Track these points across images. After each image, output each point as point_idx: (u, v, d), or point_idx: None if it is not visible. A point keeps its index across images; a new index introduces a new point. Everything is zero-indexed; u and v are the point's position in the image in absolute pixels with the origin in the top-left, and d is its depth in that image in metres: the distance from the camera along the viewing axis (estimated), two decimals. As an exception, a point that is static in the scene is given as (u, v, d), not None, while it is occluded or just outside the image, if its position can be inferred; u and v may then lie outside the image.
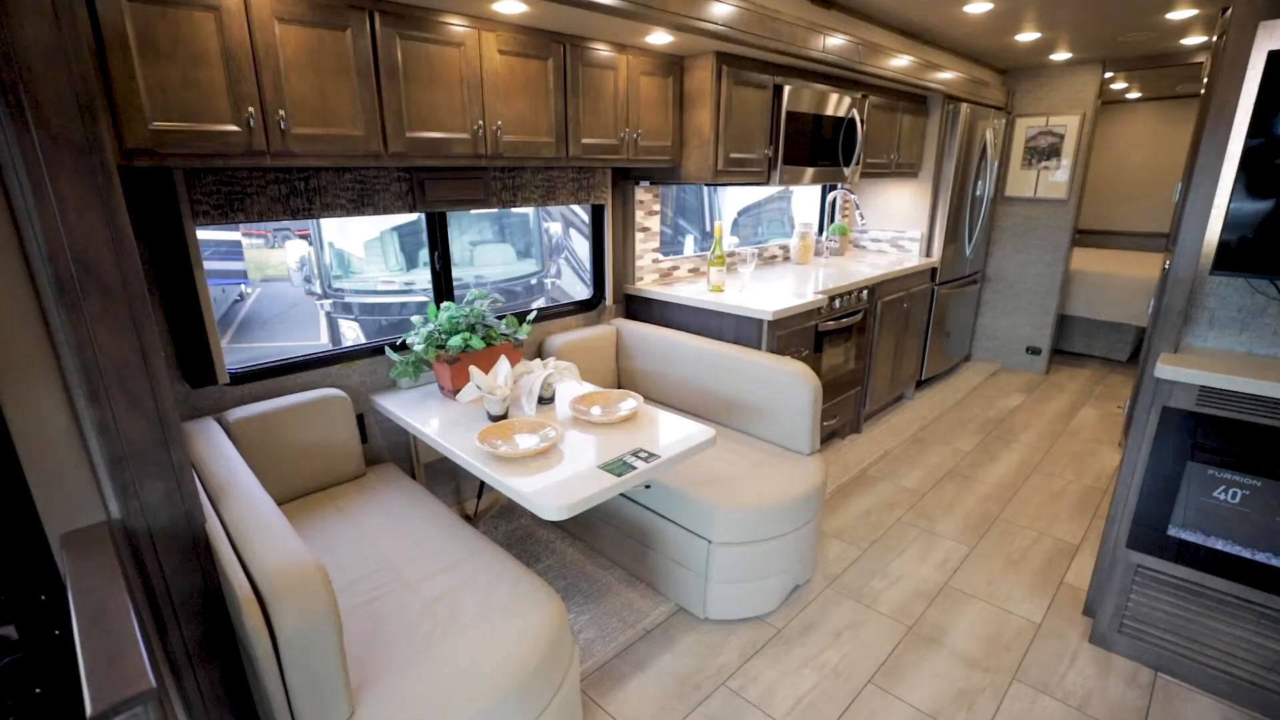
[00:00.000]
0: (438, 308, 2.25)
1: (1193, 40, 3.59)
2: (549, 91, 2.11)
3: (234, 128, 1.55)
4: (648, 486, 2.14)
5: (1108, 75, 4.23)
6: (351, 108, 1.71)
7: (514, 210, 6.15)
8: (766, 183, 2.87)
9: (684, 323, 2.84)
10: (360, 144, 1.74)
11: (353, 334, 5.23)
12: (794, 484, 2.14)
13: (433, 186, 2.19)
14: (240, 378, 2.02)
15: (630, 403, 2.12)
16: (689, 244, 5.11)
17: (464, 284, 5.94)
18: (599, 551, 2.48)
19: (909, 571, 2.41)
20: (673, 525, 2.15)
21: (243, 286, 6.42)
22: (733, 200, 5.50)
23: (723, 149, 2.57)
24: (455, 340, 2.10)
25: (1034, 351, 4.72)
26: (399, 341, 2.30)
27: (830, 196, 4.20)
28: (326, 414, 2.09)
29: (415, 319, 2.24)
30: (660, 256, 3.10)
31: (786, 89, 2.79)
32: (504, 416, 2.05)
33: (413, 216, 5.53)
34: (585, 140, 2.25)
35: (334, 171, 1.98)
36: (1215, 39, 2.87)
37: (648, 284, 3.02)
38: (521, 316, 2.42)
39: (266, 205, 1.89)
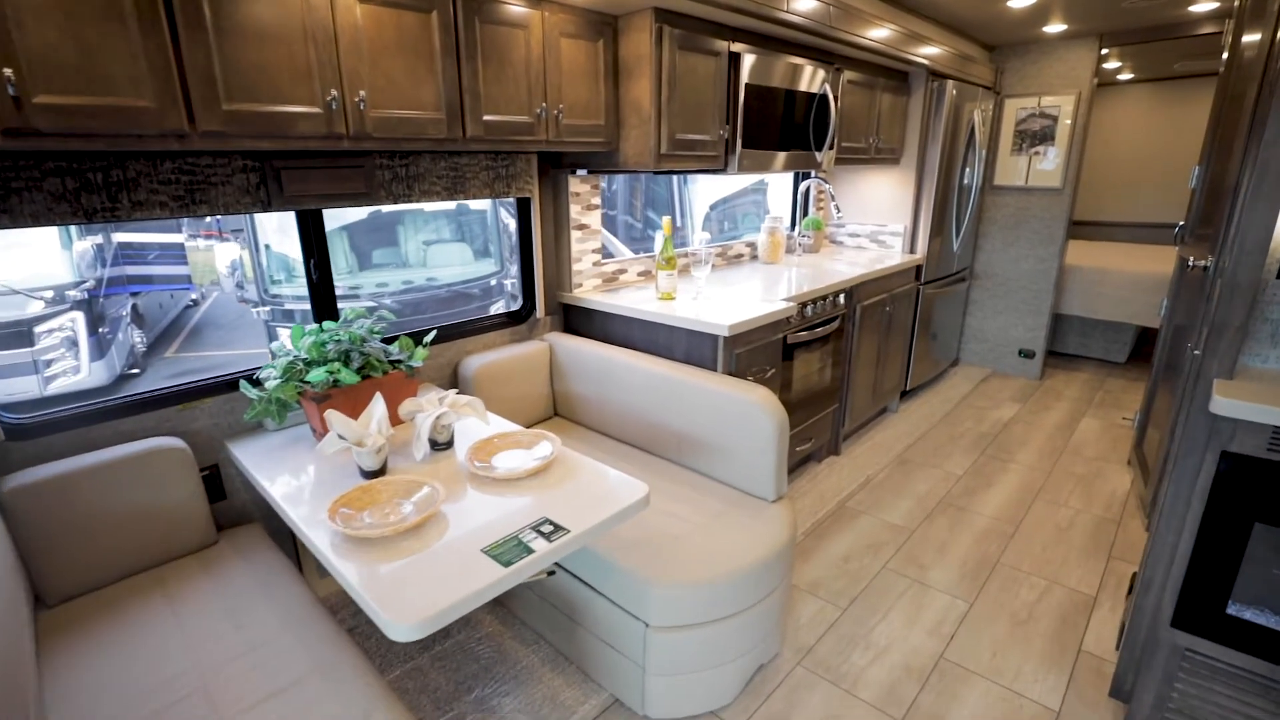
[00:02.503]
0: (304, 329, 1.79)
1: (1202, 7, 3.20)
2: (434, 54, 1.65)
3: (-65, 92, 1.08)
4: (551, 573, 1.70)
5: (1103, 52, 3.85)
6: (132, 69, 1.24)
7: (472, 206, 5.70)
8: (724, 169, 2.44)
9: (628, 337, 2.40)
10: (152, 119, 1.27)
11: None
12: (754, 544, 1.72)
13: (293, 178, 1.73)
14: (24, 431, 1.55)
15: (545, 447, 1.68)
16: (659, 241, 4.68)
17: (418, 288, 5.47)
18: (523, 621, 2.04)
19: (897, 639, 2.00)
20: (602, 599, 1.72)
21: (193, 294, 5.94)
22: (705, 192, 5.07)
23: (667, 128, 2.13)
24: (317, 374, 1.64)
25: (1027, 355, 4.34)
26: (255, 374, 1.83)
27: (803, 186, 3.79)
28: (156, 470, 1.63)
29: (275, 345, 1.78)
30: (602, 258, 2.65)
31: (745, 58, 2.35)
32: (381, 471, 1.60)
33: (361, 213, 5.06)
34: (489, 117, 1.79)
35: (146, 160, 1.51)
36: (1238, 1, 2.48)
37: (588, 291, 2.58)
38: (418, 337, 1.97)
39: (44, 205, 1.42)
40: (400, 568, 1.22)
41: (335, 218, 4.77)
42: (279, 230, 4.75)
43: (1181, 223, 3.17)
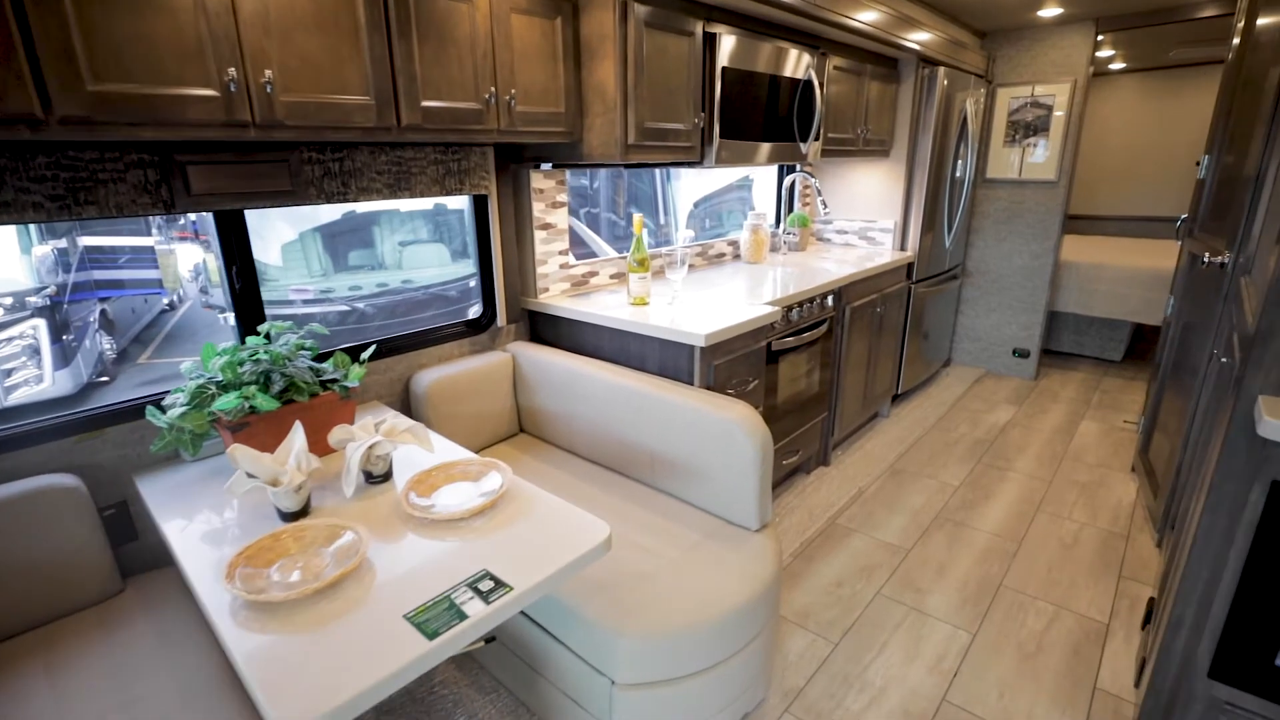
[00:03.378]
0: (216, 347, 1.56)
1: (1205, -12, 3.04)
2: (358, 28, 1.43)
3: None
4: (490, 640, 1.49)
5: (1098, 39, 3.68)
6: (-34, 39, 1.01)
7: (450, 204, 5.48)
8: (700, 161, 2.23)
9: (597, 346, 2.19)
10: (-8, 101, 1.05)
11: (263, 350, 4.49)
12: (734, 584, 1.52)
13: (200, 175, 1.50)
14: (-127, 474, 1.31)
15: (493, 480, 1.47)
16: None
17: (393, 290, 5.23)
18: (482, 666, 1.84)
19: (895, 677, 1.81)
20: (564, 649, 1.52)
21: (165, 299, 5.67)
22: (690, 188, 4.87)
23: (634, 116, 1.92)
24: (227, 401, 1.42)
25: (1022, 354, 4.18)
26: (163, 399, 1.61)
27: (788, 181, 3.59)
28: (41, 514, 1.40)
29: (185, 366, 1.56)
30: (573, 260, 2.44)
31: (722, 39, 2.15)
32: (303, 512, 1.39)
33: (335, 213, 4.83)
34: (428, 104, 1.58)
35: (11, 154, 1.29)
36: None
37: (554, 296, 2.36)
38: (355, 353, 1.75)
39: (-117, 205, 1.19)
40: (305, 642, 1.01)
41: (309, 218, 4.55)
42: (250, 232, 4.51)
43: (1184, 216, 3.01)
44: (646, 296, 2.20)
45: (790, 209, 3.72)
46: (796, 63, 2.52)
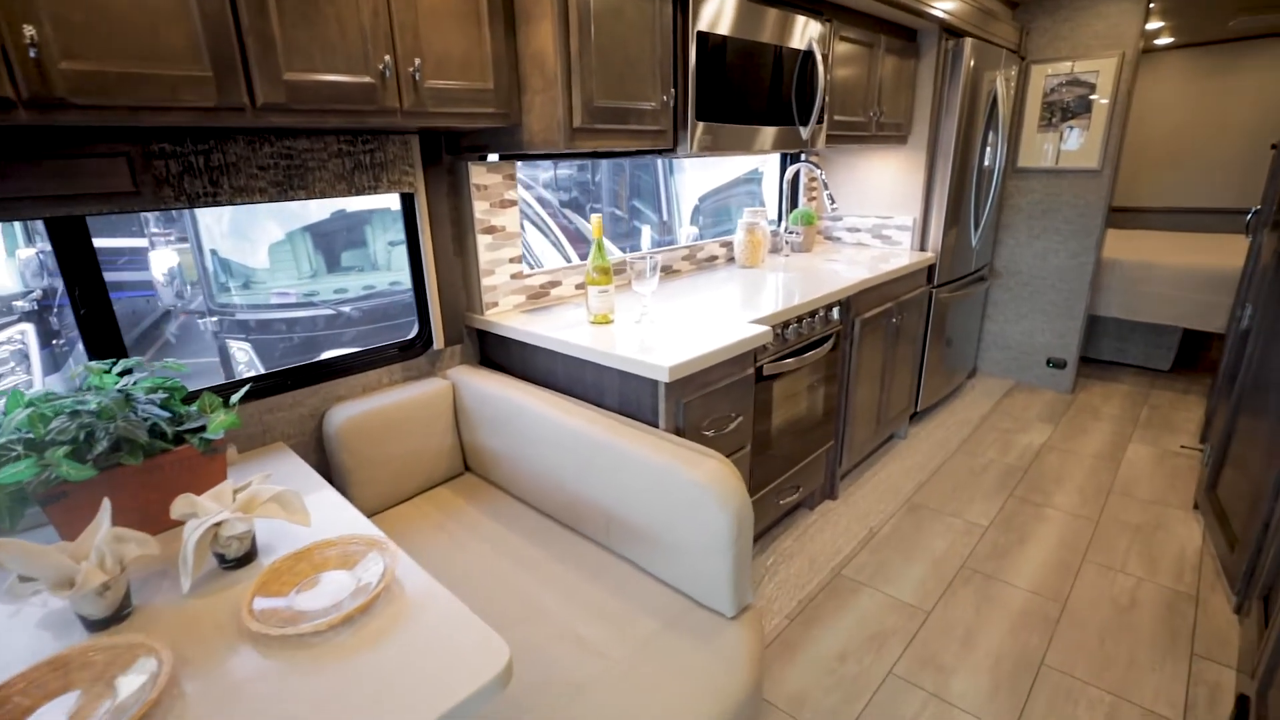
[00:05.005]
0: (23, 394, 1.22)
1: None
2: (184, -26, 1.08)
3: None
4: None
5: (1150, 6, 3.22)
6: None
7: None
8: (672, 148, 1.85)
9: (550, 374, 1.83)
10: None
11: (246, 357, 4.26)
12: (698, 705, 1.15)
13: (4, 175, 1.16)
14: None
15: (371, 567, 1.12)
16: (645, 235, 4.15)
17: (381, 293, 4.91)
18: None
19: (910, 801, 1.43)
20: (472, 789, 1.16)
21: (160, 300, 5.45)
22: (696, 182, 4.49)
23: (580, 93, 1.54)
24: (17, 470, 1.08)
25: (1057, 364, 3.74)
26: (-38, 459, 1.27)
27: (790, 172, 3.19)
28: None
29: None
30: (526, 269, 2.07)
31: None
32: (118, 616, 1.04)
33: (323, 211, 4.53)
34: (295, 76, 1.21)
35: None
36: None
37: (503, 313, 2.00)
38: (225, 393, 1.40)
39: None
40: None
41: (298, 216, 4.24)
42: (234, 234, 4.25)
43: (1257, 207, 2.57)
44: (610, 313, 1.83)
45: (793, 204, 3.32)
46: (794, 31, 2.12)
